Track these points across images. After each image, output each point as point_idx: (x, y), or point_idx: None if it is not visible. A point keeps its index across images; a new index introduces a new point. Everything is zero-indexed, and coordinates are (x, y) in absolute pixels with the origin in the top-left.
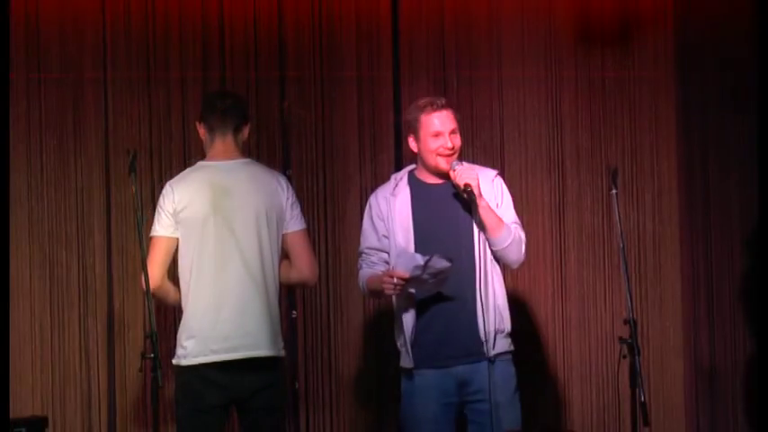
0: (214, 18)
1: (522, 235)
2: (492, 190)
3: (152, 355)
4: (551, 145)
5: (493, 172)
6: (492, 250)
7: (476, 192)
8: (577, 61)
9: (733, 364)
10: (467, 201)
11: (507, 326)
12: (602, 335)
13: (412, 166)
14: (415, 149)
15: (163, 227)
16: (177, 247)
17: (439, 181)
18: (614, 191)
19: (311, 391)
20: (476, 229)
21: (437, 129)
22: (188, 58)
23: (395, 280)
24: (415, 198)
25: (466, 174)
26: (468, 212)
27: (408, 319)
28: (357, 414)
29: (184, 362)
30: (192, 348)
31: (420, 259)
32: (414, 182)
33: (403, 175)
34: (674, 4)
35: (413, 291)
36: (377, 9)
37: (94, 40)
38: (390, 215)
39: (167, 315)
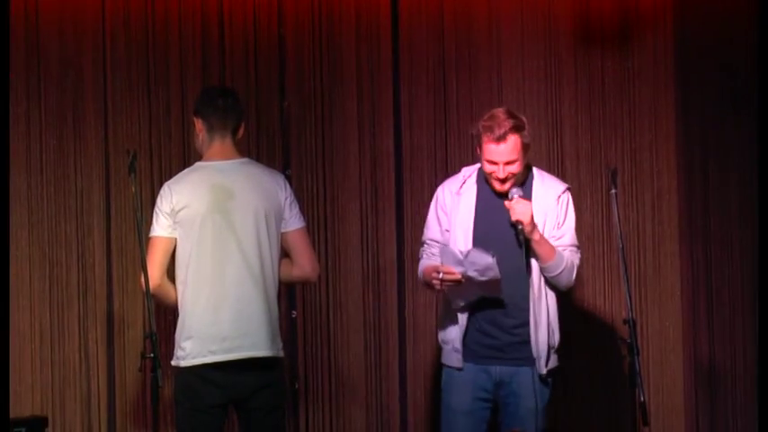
0: (214, 18)
1: (576, 259)
2: (556, 207)
3: (152, 355)
4: (551, 145)
5: (562, 187)
6: (543, 275)
7: (526, 230)
8: (577, 61)
9: (733, 364)
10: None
11: (557, 340)
12: (602, 335)
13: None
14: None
15: (161, 227)
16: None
17: None
18: (614, 191)
19: (311, 391)
20: None
21: (492, 158)
22: (188, 58)
23: (440, 275)
24: (479, 200)
25: (519, 209)
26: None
27: (460, 318)
28: (357, 414)
29: (183, 363)
30: (191, 349)
31: (459, 254)
32: (482, 183)
33: (473, 172)
34: (673, 4)
35: (462, 298)
36: (377, 9)
37: (94, 40)
38: (454, 212)
39: (167, 315)
